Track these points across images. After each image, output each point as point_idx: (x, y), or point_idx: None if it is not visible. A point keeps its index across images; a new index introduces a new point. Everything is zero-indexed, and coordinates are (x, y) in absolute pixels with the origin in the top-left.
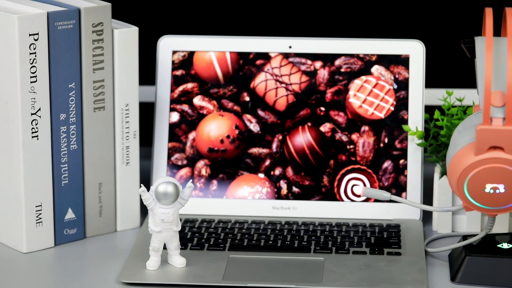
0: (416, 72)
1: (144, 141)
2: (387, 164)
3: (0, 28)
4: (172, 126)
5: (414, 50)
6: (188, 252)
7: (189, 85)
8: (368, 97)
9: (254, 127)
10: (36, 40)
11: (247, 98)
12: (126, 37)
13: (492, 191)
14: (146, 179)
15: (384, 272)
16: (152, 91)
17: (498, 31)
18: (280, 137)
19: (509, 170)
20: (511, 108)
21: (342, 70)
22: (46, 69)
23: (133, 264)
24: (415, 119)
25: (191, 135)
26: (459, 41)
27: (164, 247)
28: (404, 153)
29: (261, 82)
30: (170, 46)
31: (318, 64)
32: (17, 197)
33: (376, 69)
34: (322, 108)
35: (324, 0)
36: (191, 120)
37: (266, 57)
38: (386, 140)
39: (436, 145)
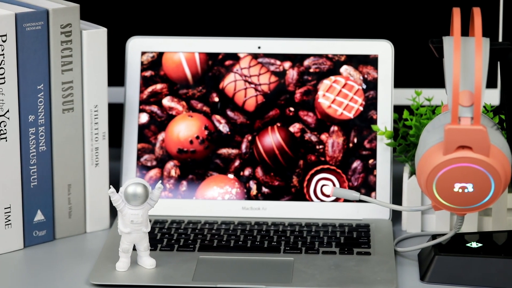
0: (385, 72)
1: (113, 142)
2: (356, 164)
3: None
4: (141, 127)
5: (383, 50)
6: (158, 253)
7: (158, 86)
8: (337, 97)
9: (223, 127)
10: (4, 41)
11: (216, 99)
12: (95, 38)
13: (460, 190)
14: (115, 180)
15: (354, 272)
16: (121, 92)
17: (466, 31)
18: (250, 138)
19: (477, 169)
20: (478, 107)
21: (311, 70)
22: (14, 71)
23: (102, 266)
24: (384, 119)
25: (160, 136)
26: (428, 41)
27: (134, 248)
28: (373, 153)
29: (230, 82)
30: (139, 47)
31: (287, 64)
32: None
33: (345, 69)
34: (291, 109)
35: (292, 1)
36: (160, 121)
37: (235, 57)
38: (355, 140)
39: (405, 144)
